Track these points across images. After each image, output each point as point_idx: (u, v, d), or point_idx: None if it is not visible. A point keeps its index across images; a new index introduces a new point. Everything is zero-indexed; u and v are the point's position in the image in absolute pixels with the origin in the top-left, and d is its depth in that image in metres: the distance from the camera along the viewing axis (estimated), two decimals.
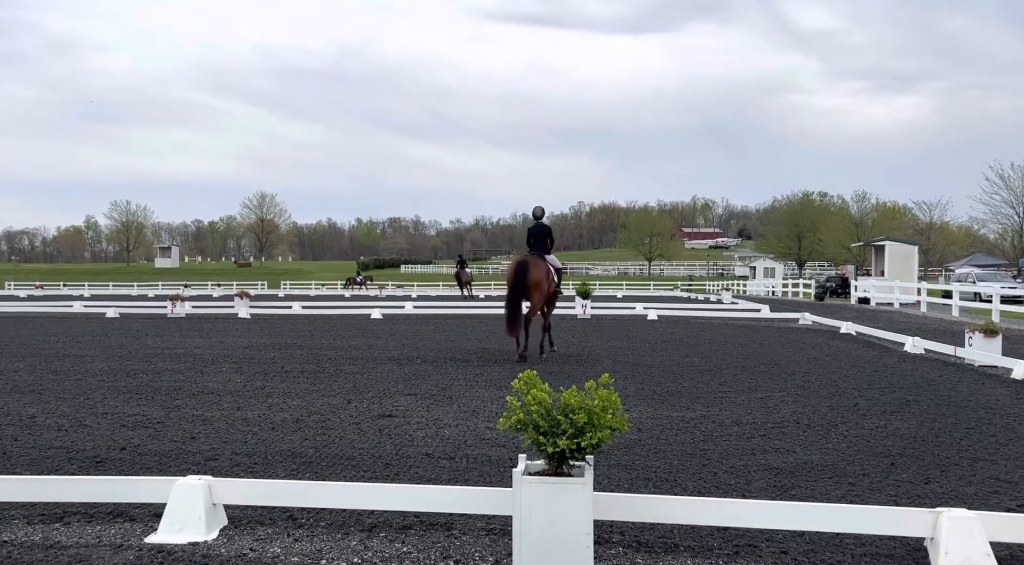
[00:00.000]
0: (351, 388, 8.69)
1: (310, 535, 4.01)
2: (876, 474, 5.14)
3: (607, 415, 3.43)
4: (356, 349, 12.87)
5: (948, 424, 6.79)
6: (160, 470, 5.12)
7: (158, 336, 15.58)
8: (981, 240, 72.89)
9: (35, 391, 8.50)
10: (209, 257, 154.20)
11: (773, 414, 7.21)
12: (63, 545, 3.88)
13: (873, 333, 15.44)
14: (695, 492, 4.68)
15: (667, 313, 22.82)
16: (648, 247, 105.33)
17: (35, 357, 11.81)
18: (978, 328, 11.38)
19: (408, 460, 5.45)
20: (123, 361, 11.23)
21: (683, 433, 6.37)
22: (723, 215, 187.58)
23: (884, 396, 8.25)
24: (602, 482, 4.72)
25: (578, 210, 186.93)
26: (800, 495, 4.63)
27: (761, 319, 21.32)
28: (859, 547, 3.85)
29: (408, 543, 3.90)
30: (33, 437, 6.19)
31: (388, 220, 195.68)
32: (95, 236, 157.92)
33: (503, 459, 5.46)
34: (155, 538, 3.92)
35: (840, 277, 43.07)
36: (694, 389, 8.69)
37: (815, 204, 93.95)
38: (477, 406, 7.57)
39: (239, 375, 9.72)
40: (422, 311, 23.60)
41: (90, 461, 5.42)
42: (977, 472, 5.22)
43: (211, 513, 4.01)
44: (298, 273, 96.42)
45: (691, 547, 3.86)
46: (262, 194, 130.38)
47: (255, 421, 6.82)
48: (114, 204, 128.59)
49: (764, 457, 5.59)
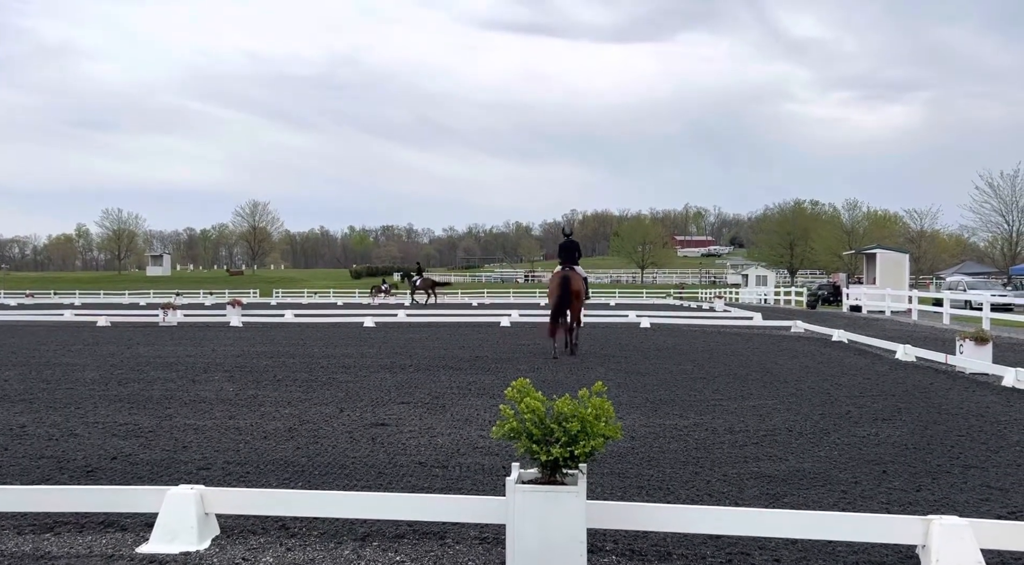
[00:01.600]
0: (344, 397, 8.67)
1: (303, 544, 4.00)
2: (868, 482, 5.16)
3: (600, 423, 3.44)
4: (349, 357, 12.84)
5: (939, 431, 6.82)
6: (152, 479, 5.09)
7: (150, 345, 15.51)
8: (971, 248, 73.23)
9: (25, 400, 8.45)
10: (201, 265, 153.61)
11: (766, 422, 7.23)
12: (54, 555, 3.85)
13: (865, 341, 15.49)
14: (688, 500, 4.69)
15: (660, 321, 22.86)
16: (641, 255, 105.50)
17: (25, 366, 11.74)
18: (969, 336, 11.45)
19: (401, 469, 5.44)
20: (114, 370, 11.17)
21: (676, 441, 6.38)
22: (715, 223, 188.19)
23: (876, 404, 8.28)
24: (595, 490, 4.72)
25: (570, 218, 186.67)
26: (793, 503, 4.64)
27: (753, 327, 21.38)
28: (851, 555, 3.86)
29: (401, 552, 3.89)
30: (23, 447, 6.15)
31: (381, 228, 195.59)
32: (86, 244, 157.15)
33: (496, 468, 5.45)
34: (147, 548, 3.90)
35: (832, 285, 43.17)
36: (687, 397, 8.71)
37: (807, 212, 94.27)
38: (470, 414, 7.57)
39: (231, 384, 9.69)
40: (415, 319, 23.58)
41: (81, 471, 5.39)
42: (968, 479, 5.24)
43: (203, 522, 3.99)
44: (291, 281, 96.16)
45: (684, 555, 3.86)
46: (254, 202, 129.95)
47: (247, 430, 6.80)
48: (105, 212, 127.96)
49: (757, 465, 5.60)
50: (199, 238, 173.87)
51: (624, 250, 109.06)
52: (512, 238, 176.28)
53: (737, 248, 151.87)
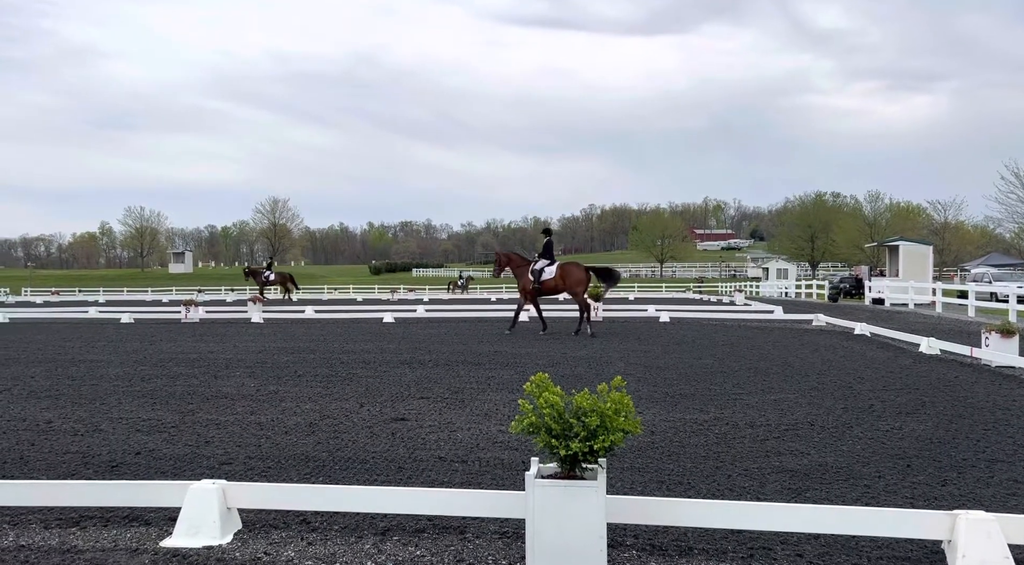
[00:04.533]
0: (364, 392, 8.71)
1: (324, 538, 4.02)
2: (892, 476, 5.10)
3: (619, 418, 3.43)
4: (368, 353, 12.90)
5: (965, 425, 6.73)
6: (175, 474, 5.15)
7: (172, 341, 15.68)
8: (997, 239, 72.14)
9: (51, 396, 8.57)
10: (223, 262, 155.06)
11: (787, 416, 7.17)
12: (80, 549, 3.91)
13: (888, 334, 15.32)
14: (709, 495, 4.66)
15: (679, 315, 22.73)
16: (660, 249, 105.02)
17: (51, 362, 11.92)
18: (995, 328, 11.29)
19: (421, 463, 5.46)
20: (138, 366, 11.30)
21: (696, 435, 6.35)
22: (735, 216, 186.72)
23: (899, 397, 8.18)
24: (615, 485, 4.71)
25: (589, 213, 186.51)
26: (815, 497, 4.60)
27: (774, 320, 21.21)
28: (875, 550, 3.82)
29: (421, 546, 3.90)
30: (50, 442, 6.24)
31: (399, 224, 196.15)
32: (110, 242, 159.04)
33: (516, 462, 5.45)
34: (170, 542, 3.95)
35: (854, 278, 42.68)
36: (707, 391, 8.66)
37: (828, 205, 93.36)
38: (489, 409, 7.57)
39: (252, 379, 9.77)
40: (434, 315, 23.63)
41: (106, 465, 5.46)
42: (995, 474, 5.16)
43: (225, 517, 4.03)
44: (311, 277, 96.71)
45: (705, 550, 3.84)
46: (274, 199, 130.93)
47: (269, 425, 6.85)
48: (128, 210, 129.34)
49: (778, 459, 5.55)
50: (220, 235, 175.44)
51: (643, 244, 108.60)
52: (530, 233, 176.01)
53: (757, 241, 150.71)
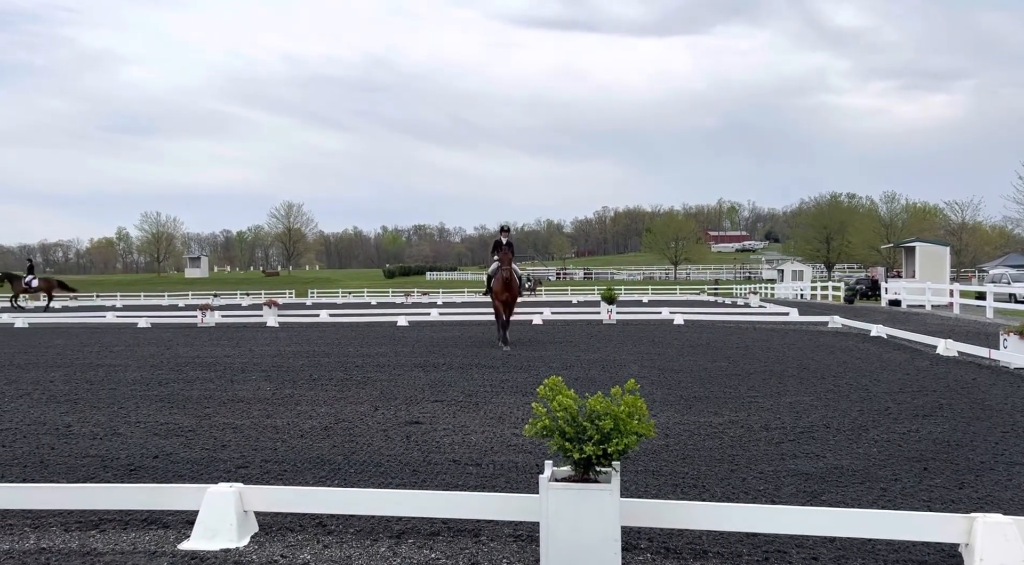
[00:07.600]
0: (378, 395, 8.75)
1: (339, 541, 4.05)
2: (909, 479, 5.07)
3: (633, 421, 3.43)
4: (383, 356, 12.95)
5: (983, 428, 6.67)
6: (192, 478, 5.20)
7: (188, 345, 15.81)
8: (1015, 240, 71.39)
9: (70, 400, 8.67)
10: (238, 267, 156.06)
11: (802, 419, 7.13)
12: (99, 552, 3.95)
13: (904, 336, 15.20)
14: (723, 498, 4.65)
15: (693, 317, 22.65)
16: (673, 251, 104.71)
17: (70, 367, 12.05)
18: (1013, 330, 11.16)
19: (435, 466, 5.48)
20: (155, 370, 11.41)
21: (711, 438, 6.33)
22: (750, 218, 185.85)
23: (916, 400, 8.12)
24: (629, 488, 4.71)
25: (602, 215, 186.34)
26: (831, 500, 4.58)
27: (789, 322, 21.09)
28: (892, 553, 3.80)
29: (436, 549, 3.92)
30: (69, 445, 6.32)
31: (413, 227, 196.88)
32: (126, 247, 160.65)
33: (530, 465, 5.46)
34: (188, 545, 3.99)
35: (870, 279, 42.37)
36: (722, 394, 8.63)
37: (843, 206, 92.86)
38: (503, 412, 7.59)
39: (268, 383, 9.83)
40: (448, 318, 23.67)
41: (124, 469, 5.52)
42: (1013, 477, 5.12)
43: (242, 520, 4.07)
44: (325, 281, 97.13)
45: (720, 553, 3.83)
46: (289, 204, 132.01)
47: (284, 429, 6.89)
48: (144, 215, 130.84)
49: (794, 462, 5.53)
50: (235, 240, 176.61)
51: (657, 246, 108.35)
52: (544, 236, 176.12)
53: (772, 243, 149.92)
